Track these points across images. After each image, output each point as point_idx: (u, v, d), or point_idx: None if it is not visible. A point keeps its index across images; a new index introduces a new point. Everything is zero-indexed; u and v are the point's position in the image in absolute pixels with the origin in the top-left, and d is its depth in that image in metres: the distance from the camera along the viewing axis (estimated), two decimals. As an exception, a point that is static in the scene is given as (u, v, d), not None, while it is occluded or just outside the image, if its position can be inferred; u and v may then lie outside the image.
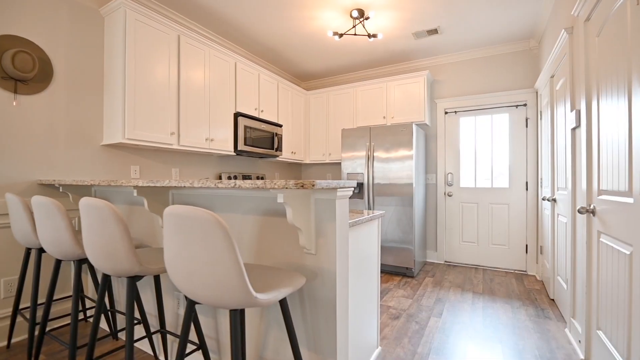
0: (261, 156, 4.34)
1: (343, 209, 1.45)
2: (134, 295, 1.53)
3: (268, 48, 4.25)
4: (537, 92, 3.75)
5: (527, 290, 3.14)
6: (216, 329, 1.87)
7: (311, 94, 5.06)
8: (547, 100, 3.16)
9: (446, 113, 4.33)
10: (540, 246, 3.52)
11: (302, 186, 1.14)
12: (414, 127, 3.68)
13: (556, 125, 2.81)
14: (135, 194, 1.89)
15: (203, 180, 1.42)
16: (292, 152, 4.76)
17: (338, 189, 1.39)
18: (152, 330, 2.21)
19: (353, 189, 1.49)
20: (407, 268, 3.65)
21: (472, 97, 4.11)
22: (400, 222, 3.66)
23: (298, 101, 4.94)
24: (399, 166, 3.69)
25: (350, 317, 1.65)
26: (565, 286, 2.42)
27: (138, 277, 1.54)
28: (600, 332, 1.68)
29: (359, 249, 1.76)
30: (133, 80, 2.75)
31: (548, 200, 2.85)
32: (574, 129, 2.24)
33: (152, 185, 1.63)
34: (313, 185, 1.16)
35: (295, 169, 5.51)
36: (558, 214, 2.68)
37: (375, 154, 3.86)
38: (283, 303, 1.30)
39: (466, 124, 4.22)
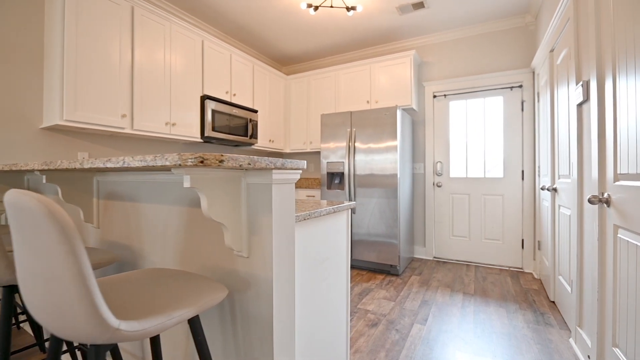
0: (236, 144, 3.96)
1: (284, 198, 1.09)
2: (11, 311, 1.16)
3: (241, 26, 3.84)
4: (534, 72, 3.40)
5: (524, 291, 2.82)
6: (142, 347, 1.51)
7: (291, 78, 4.67)
8: (545, 78, 2.81)
9: (435, 97, 3.97)
10: (538, 241, 3.19)
11: (202, 162, 0.77)
12: (399, 110, 3.32)
13: (557, 105, 2.47)
14: (44, 181, 1.52)
15: (92, 160, 1.05)
16: (270, 141, 4.38)
17: (274, 170, 1.03)
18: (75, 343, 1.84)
19: (300, 171, 1.13)
20: (391, 265, 3.31)
21: (463, 79, 3.76)
22: (384, 214, 3.31)
23: (277, 86, 4.55)
24: (382, 153, 3.33)
25: (303, 334, 1.30)
26: (569, 289, 2.09)
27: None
28: (617, 350, 1.35)
29: (318, 248, 1.40)
30: (74, 54, 2.39)
31: (547, 190, 2.52)
32: (580, 105, 1.90)
33: (46, 167, 1.26)
34: (221, 162, 0.80)
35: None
36: (559, 205, 2.34)
37: (356, 141, 3.50)
38: (194, 325, 0.94)
39: (457, 108, 3.86)
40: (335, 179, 3.71)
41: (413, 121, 4.08)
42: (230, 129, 3.64)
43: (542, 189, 2.62)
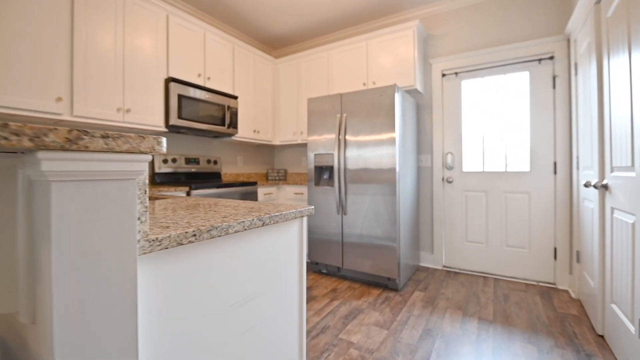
0: (215, 135, 3.47)
1: (99, 208, 0.54)
2: None
3: (217, 1, 3.32)
4: (569, 39, 2.72)
5: (560, 317, 2.19)
6: None
7: (280, 62, 4.13)
8: (587, 42, 2.16)
9: (444, 76, 3.33)
10: (577, 251, 2.54)
11: None
12: (398, 91, 2.72)
13: (609, 74, 1.82)
14: None
15: None
16: (255, 131, 3.85)
17: (40, 153, 0.48)
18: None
19: (149, 156, 0.58)
20: (389, 279, 2.72)
21: (478, 52, 3.10)
22: (381, 215, 2.72)
23: (264, 70, 4.01)
24: (378, 143, 2.73)
25: None
26: (631, 328, 1.47)
27: None
28: None
29: (231, 284, 0.85)
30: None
31: (594, 187, 1.88)
32: (654, 59, 1.27)
33: None
34: None
35: (266, 152, 4.60)
36: (613, 209, 1.71)
37: (348, 128, 2.91)
38: None
39: (470, 89, 3.22)
40: (324, 173, 3.14)
41: (418, 105, 3.46)
42: (202, 117, 3.13)
43: (586, 185, 1.98)
